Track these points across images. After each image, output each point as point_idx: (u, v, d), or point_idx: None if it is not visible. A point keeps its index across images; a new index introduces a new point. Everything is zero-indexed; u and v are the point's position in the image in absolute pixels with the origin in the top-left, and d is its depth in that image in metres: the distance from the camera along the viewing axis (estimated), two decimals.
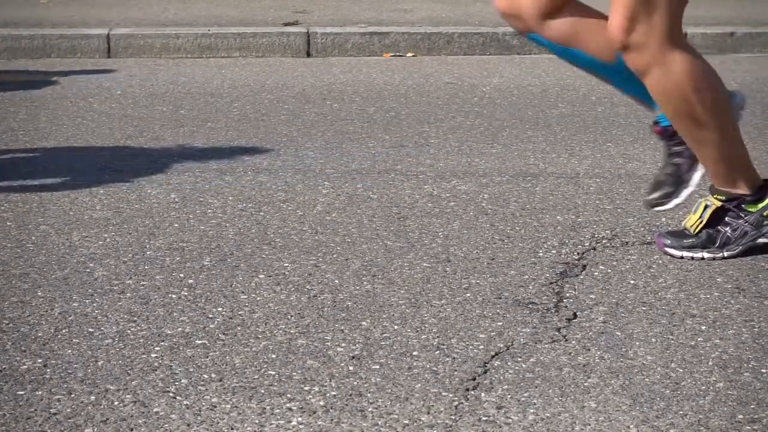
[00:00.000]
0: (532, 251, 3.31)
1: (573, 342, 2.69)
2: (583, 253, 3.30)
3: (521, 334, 2.73)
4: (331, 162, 4.36)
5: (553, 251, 3.31)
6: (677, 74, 3.04)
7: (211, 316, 2.85)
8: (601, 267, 3.19)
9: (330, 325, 2.78)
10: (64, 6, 8.09)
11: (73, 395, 2.42)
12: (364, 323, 2.80)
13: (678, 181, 3.29)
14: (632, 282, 3.08)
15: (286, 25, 7.27)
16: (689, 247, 3.22)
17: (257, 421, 2.31)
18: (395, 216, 3.67)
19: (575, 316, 2.84)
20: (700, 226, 3.23)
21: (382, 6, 8.12)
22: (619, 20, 3.01)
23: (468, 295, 2.98)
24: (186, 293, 3.00)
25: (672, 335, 2.73)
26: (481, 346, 2.66)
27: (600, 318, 2.83)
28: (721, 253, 3.22)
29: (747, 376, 2.51)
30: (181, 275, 3.13)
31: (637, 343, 2.68)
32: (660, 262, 3.23)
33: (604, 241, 3.40)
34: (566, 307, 2.90)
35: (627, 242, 3.40)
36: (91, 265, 3.21)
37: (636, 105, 5.45)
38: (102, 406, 2.37)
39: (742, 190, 3.23)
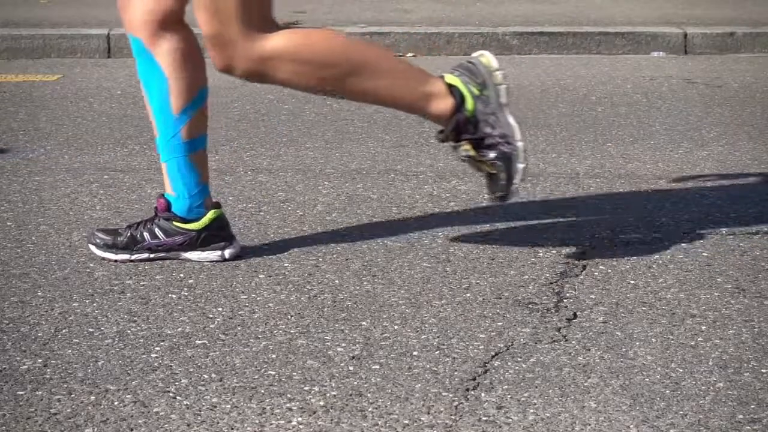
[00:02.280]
0: (532, 251, 3.31)
1: (573, 342, 2.69)
2: (583, 253, 3.30)
3: (521, 334, 2.73)
4: (331, 162, 4.36)
5: (553, 251, 3.31)
6: (286, 53, 2.94)
7: (211, 316, 2.85)
8: (601, 267, 3.19)
9: (330, 325, 2.78)
10: (64, 6, 8.09)
11: (73, 395, 2.42)
12: (364, 323, 2.80)
13: (131, 243, 3.20)
14: (632, 282, 3.08)
15: (286, 25, 7.27)
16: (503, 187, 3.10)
17: (257, 421, 2.31)
18: (395, 216, 3.67)
19: (575, 316, 2.84)
20: (493, 163, 3.08)
21: (382, 6, 8.12)
22: (209, 50, 2.94)
23: (468, 295, 2.98)
24: (186, 293, 3.00)
25: (672, 335, 2.73)
26: (481, 346, 2.66)
27: (600, 318, 2.83)
28: (516, 143, 3.05)
29: (747, 376, 2.51)
30: (181, 275, 3.13)
31: (637, 343, 2.68)
32: (660, 262, 3.23)
33: (604, 241, 3.40)
34: (566, 307, 2.90)
35: (627, 242, 3.40)
36: (91, 265, 3.21)
37: (636, 106, 5.46)
38: (102, 406, 2.37)
39: (442, 102, 3.05)
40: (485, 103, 3.08)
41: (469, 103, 3.07)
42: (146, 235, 3.21)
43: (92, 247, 3.24)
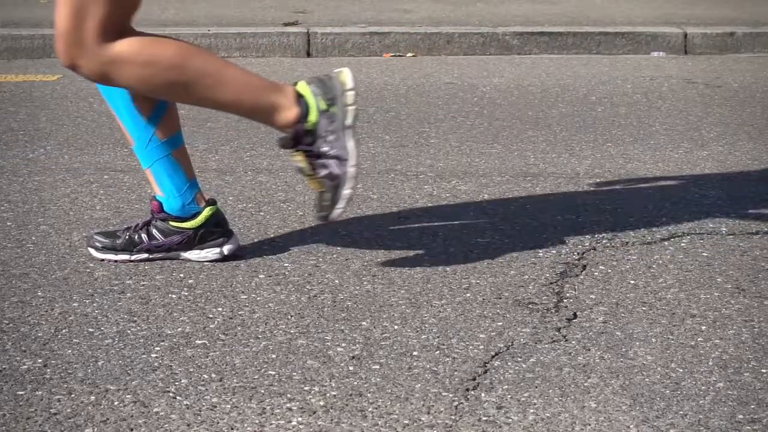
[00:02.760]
0: (532, 251, 3.31)
1: (573, 342, 2.69)
2: (583, 253, 3.30)
3: (521, 334, 2.73)
4: None
5: (553, 251, 3.31)
6: (129, 57, 2.92)
7: (211, 316, 2.85)
8: (601, 267, 3.19)
9: (330, 325, 2.78)
10: None
11: (73, 395, 2.42)
12: (364, 323, 2.80)
13: (130, 245, 3.20)
14: (632, 282, 3.08)
15: (286, 25, 7.27)
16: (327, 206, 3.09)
17: (257, 421, 2.31)
18: (395, 216, 3.67)
19: (575, 316, 2.84)
20: (321, 181, 3.06)
21: (382, 6, 8.12)
22: (56, 43, 2.94)
23: (468, 295, 2.98)
24: (186, 293, 3.00)
25: (672, 335, 2.73)
26: (481, 346, 2.66)
27: (600, 318, 2.83)
28: (348, 169, 3.02)
29: (747, 376, 2.51)
30: (181, 275, 3.13)
31: (637, 343, 2.68)
32: (660, 262, 3.23)
33: (604, 241, 3.40)
34: (566, 307, 2.90)
35: (627, 242, 3.40)
36: (91, 265, 3.21)
37: (636, 106, 5.46)
38: (102, 406, 2.37)
39: (288, 111, 3.02)
40: (330, 120, 3.04)
41: (313, 116, 3.03)
42: (144, 236, 3.21)
43: (92, 251, 3.24)
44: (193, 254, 3.22)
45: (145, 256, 3.21)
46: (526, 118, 5.17)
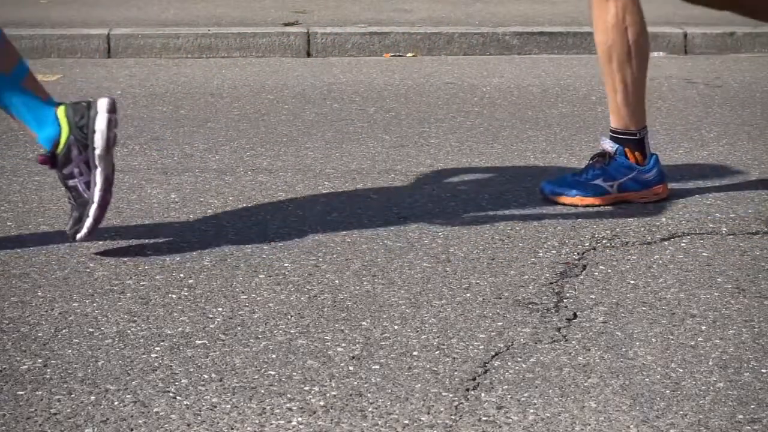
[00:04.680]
0: (532, 251, 3.31)
1: (573, 342, 2.69)
2: (583, 253, 3.30)
3: (521, 334, 2.73)
4: (331, 162, 4.36)
5: (553, 251, 3.31)
6: None
7: (211, 316, 2.85)
8: (601, 267, 3.19)
9: (330, 325, 2.79)
10: (64, 6, 8.09)
11: (73, 395, 2.42)
12: (364, 323, 2.80)
13: (83, 203, 3.20)
14: (632, 282, 3.08)
15: (286, 25, 7.27)
16: None
17: (257, 421, 2.31)
18: (395, 216, 3.67)
19: (575, 316, 2.85)
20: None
21: (382, 6, 8.12)
22: None
23: (468, 295, 2.98)
24: (186, 293, 3.00)
25: (672, 335, 2.73)
26: (481, 346, 2.66)
27: (600, 318, 2.83)
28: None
29: (747, 376, 2.51)
30: (181, 275, 3.13)
31: (637, 343, 2.68)
32: (660, 262, 3.23)
33: (604, 241, 3.40)
34: (566, 307, 2.90)
35: (627, 242, 3.40)
36: (91, 265, 3.21)
37: None
38: (102, 406, 2.37)
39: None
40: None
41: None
42: (79, 188, 3.20)
43: (79, 236, 3.20)
44: (98, 144, 3.20)
45: (98, 194, 3.17)
46: (526, 118, 5.17)
